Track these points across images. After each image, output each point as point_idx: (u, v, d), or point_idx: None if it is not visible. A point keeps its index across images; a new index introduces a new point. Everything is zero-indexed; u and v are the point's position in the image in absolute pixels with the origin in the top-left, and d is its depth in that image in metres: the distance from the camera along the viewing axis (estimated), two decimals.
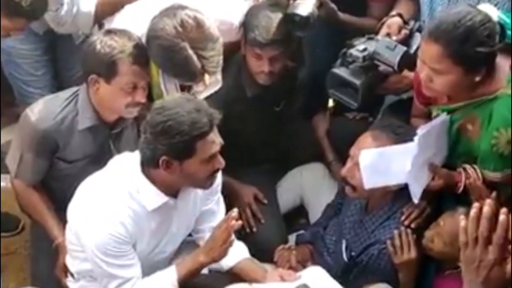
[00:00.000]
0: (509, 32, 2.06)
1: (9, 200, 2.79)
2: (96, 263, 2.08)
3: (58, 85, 2.85)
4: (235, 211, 2.14)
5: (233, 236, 2.13)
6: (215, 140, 2.01)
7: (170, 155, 1.98)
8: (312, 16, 2.40)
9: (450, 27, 1.97)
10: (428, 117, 2.32)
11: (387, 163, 2.17)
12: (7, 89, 2.98)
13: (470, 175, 2.13)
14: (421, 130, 2.13)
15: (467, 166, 2.15)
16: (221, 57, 2.22)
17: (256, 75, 2.56)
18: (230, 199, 2.60)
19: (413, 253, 2.20)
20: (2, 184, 3.02)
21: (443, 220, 2.16)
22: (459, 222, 1.50)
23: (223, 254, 2.14)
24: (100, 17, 2.44)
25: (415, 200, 2.19)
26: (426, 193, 2.22)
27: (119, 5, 2.45)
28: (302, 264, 2.49)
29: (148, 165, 2.05)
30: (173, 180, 2.06)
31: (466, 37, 1.96)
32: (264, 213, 2.72)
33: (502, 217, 1.40)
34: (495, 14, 2.04)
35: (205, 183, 2.10)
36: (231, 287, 2.11)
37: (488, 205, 1.42)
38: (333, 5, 2.49)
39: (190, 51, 2.16)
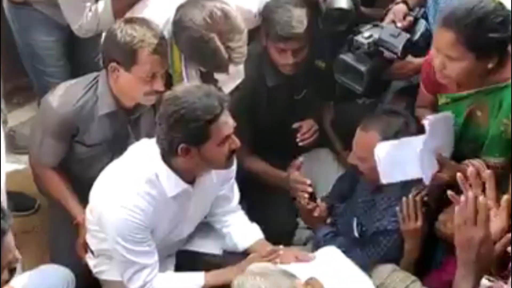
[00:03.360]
0: None
1: (24, 181, 3.01)
2: (116, 250, 2.25)
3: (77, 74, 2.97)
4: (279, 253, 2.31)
5: None
6: (228, 121, 2.16)
7: (188, 142, 2.13)
8: (352, 8, 2.58)
9: (463, 14, 2.14)
10: (434, 107, 2.49)
11: (402, 155, 2.26)
12: (21, 73, 3.17)
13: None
14: (429, 117, 2.30)
15: (472, 161, 2.30)
16: (246, 48, 2.39)
17: (281, 67, 2.74)
18: (258, 190, 2.83)
19: (419, 222, 2.35)
20: (15, 165, 3.22)
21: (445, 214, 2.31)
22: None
23: None
24: (118, 16, 2.57)
25: (426, 182, 2.34)
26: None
27: (133, 1, 2.58)
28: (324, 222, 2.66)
29: (167, 154, 2.19)
30: (193, 166, 2.22)
31: (479, 23, 2.12)
32: (276, 198, 2.89)
33: (480, 198, 1.65)
34: (508, 2, 2.20)
35: (224, 164, 2.24)
36: (256, 264, 2.18)
37: (471, 191, 1.66)
38: None
39: (219, 43, 2.33)
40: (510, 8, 2.19)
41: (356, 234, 2.56)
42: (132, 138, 2.51)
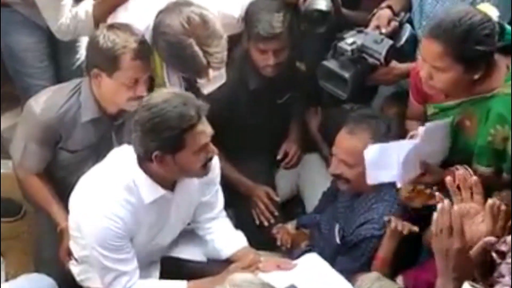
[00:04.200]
0: (508, 32, 2.25)
1: (10, 186, 3.01)
2: (94, 256, 2.27)
3: (59, 75, 3.03)
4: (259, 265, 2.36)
5: None
6: (205, 130, 2.16)
7: (162, 150, 2.13)
8: (331, 11, 2.61)
9: (450, 26, 2.15)
10: (423, 118, 2.51)
11: (390, 158, 2.29)
12: (8, 79, 3.18)
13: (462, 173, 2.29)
14: (428, 124, 2.34)
15: (459, 166, 2.31)
16: (226, 53, 2.42)
17: (262, 68, 2.79)
18: (245, 196, 2.93)
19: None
20: (2, 170, 3.23)
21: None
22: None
23: None
24: (99, 21, 2.58)
25: (398, 184, 2.38)
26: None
27: (114, 6, 2.59)
28: (299, 246, 2.73)
29: (142, 160, 2.21)
30: (168, 173, 2.22)
31: (466, 36, 2.14)
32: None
33: (454, 208, 1.69)
34: (494, 14, 2.22)
35: (200, 172, 2.25)
36: (236, 275, 2.25)
37: (446, 201, 1.70)
38: (339, 1, 2.69)
39: (196, 48, 2.34)
40: (496, 20, 2.21)
41: (337, 240, 2.59)
42: (116, 144, 2.52)
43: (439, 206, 1.70)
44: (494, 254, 1.74)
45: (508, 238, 1.74)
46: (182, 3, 2.41)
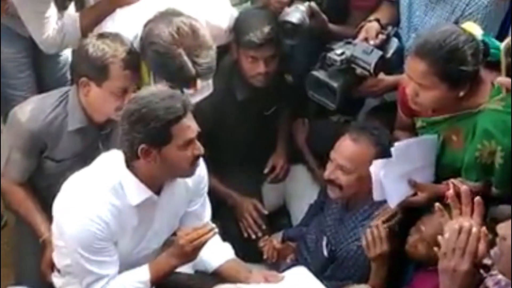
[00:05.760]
0: (493, 46, 2.31)
1: None
2: (75, 258, 2.25)
3: (40, 85, 3.01)
4: (209, 225, 2.34)
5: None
6: (191, 125, 2.16)
7: (148, 142, 2.13)
8: (303, 24, 2.65)
9: (435, 46, 2.23)
10: (412, 129, 2.58)
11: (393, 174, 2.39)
12: None
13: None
14: (398, 143, 2.41)
15: (454, 180, 2.38)
16: (214, 63, 2.45)
17: (252, 78, 2.83)
18: (232, 208, 2.97)
19: (385, 246, 2.42)
20: None
21: (423, 224, 2.38)
22: (438, 223, 1.83)
23: (195, 258, 2.34)
24: (85, 31, 2.59)
25: (391, 206, 2.44)
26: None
27: (101, 17, 2.61)
28: (285, 259, 2.77)
29: (129, 158, 2.20)
30: (155, 171, 2.20)
31: (450, 56, 2.22)
32: None
33: (474, 229, 1.72)
34: (479, 32, 2.30)
35: (187, 171, 2.25)
36: (221, 286, 2.29)
37: (468, 221, 1.74)
38: (324, 16, 2.74)
39: (185, 58, 2.37)
40: (480, 38, 2.28)
41: (325, 253, 2.62)
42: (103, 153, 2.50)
43: (455, 225, 1.74)
44: (480, 269, 1.79)
45: (492, 251, 1.78)
46: (171, 13, 2.43)
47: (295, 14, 2.65)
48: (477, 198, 1.81)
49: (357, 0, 2.92)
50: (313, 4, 2.70)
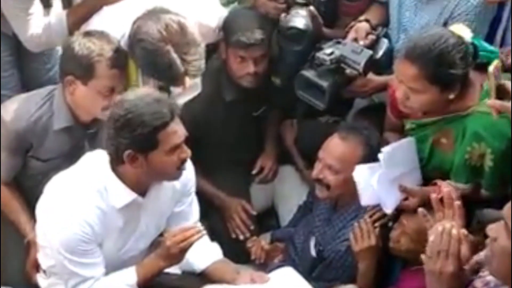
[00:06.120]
0: (482, 49, 2.33)
1: None
2: (59, 260, 2.23)
3: (25, 85, 2.95)
4: (197, 226, 2.34)
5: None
6: (178, 130, 2.15)
7: (134, 148, 2.12)
8: (309, 29, 2.66)
9: (425, 49, 2.24)
10: (401, 131, 2.59)
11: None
12: None
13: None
14: (385, 148, 2.42)
15: (442, 182, 2.38)
16: (203, 61, 2.44)
17: (240, 78, 2.83)
18: (219, 208, 2.97)
19: (373, 240, 2.43)
20: None
21: (405, 218, 2.40)
22: (420, 218, 1.84)
23: (182, 259, 2.33)
24: (72, 29, 2.58)
25: (387, 211, 2.44)
26: None
27: (88, 14, 2.60)
28: (273, 260, 2.77)
29: (114, 162, 2.19)
30: (141, 175, 2.20)
31: (440, 59, 2.23)
32: None
33: (453, 231, 1.73)
34: (468, 35, 2.30)
35: (174, 175, 2.24)
36: (209, 286, 2.29)
37: (449, 223, 1.76)
38: (320, 19, 2.75)
39: (174, 55, 2.35)
40: (469, 41, 2.29)
41: (313, 253, 2.62)
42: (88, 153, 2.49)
43: (438, 227, 1.75)
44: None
45: (482, 253, 1.78)
46: (160, 11, 2.43)
47: (299, 20, 2.66)
48: (457, 202, 1.82)
49: (346, 6, 2.93)
50: (312, 8, 2.71)
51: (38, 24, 2.59)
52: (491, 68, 2.03)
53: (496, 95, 2.08)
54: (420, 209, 1.90)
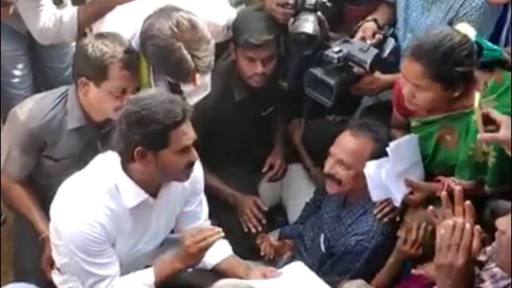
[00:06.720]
0: (486, 47, 2.37)
1: None
2: (74, 260, 2.27)
3: (40, 84, 3.04)
4: (217, 229, 2.35)
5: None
6: (189, 132, 2.18)
7: (145, 145, 2.14)
8: (318, 34, 2.70)
9: (430, 47, 2.28)
10: (407, 128, 2.63)
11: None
12: None
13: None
14: (392, 143, 2.47)
15: (446, 178, 2.44)
16: (213, 58, 2.48)
17: (249, 78, 2.87)
18: (228, 206, 3.00)
19: (420, 251, 2.45)
20: None
21: (409, 217, 2.46)
22: (427, 215, 1.88)
23: (199, 261, 2.37)
24: (83, 26, 2.63)
25: (397, 204, 2.50)
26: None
27: (100, 12, 2.64)
28: (282, 257, 2.82)
29: (125, 160, 2.22)
30: (150, 173, 2.22)
31: (445, 57, 2.27)
32: None
33: (467, 226, 1.76)
34: (472, 34, 2.34)
35: (181, 175, 2.27)
36: (221, 280, 2.27)
37: (461, 217, 1.78)
38: (327, 24, 2.78)
39: (185, 51, 2.39)
40: (474, 39, 2.32)
41: (323, 249, 2.66)
42: (101, 153, 2.49)
43: (449, 222, 1.78)
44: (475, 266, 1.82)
45: (488, 248, 1.83)
46: (171, 9, 2.46)
47: (309, 25, 2.69)
48: (468, 203, 1.84)
49: (350, 10, 2.98)
50: (320, 13, 2.74)
51: (49, 17, 2.62)
52: (476, 104, 2.04)
53: (483, 125, 2.07)
54: (430, 207, 1.92)
